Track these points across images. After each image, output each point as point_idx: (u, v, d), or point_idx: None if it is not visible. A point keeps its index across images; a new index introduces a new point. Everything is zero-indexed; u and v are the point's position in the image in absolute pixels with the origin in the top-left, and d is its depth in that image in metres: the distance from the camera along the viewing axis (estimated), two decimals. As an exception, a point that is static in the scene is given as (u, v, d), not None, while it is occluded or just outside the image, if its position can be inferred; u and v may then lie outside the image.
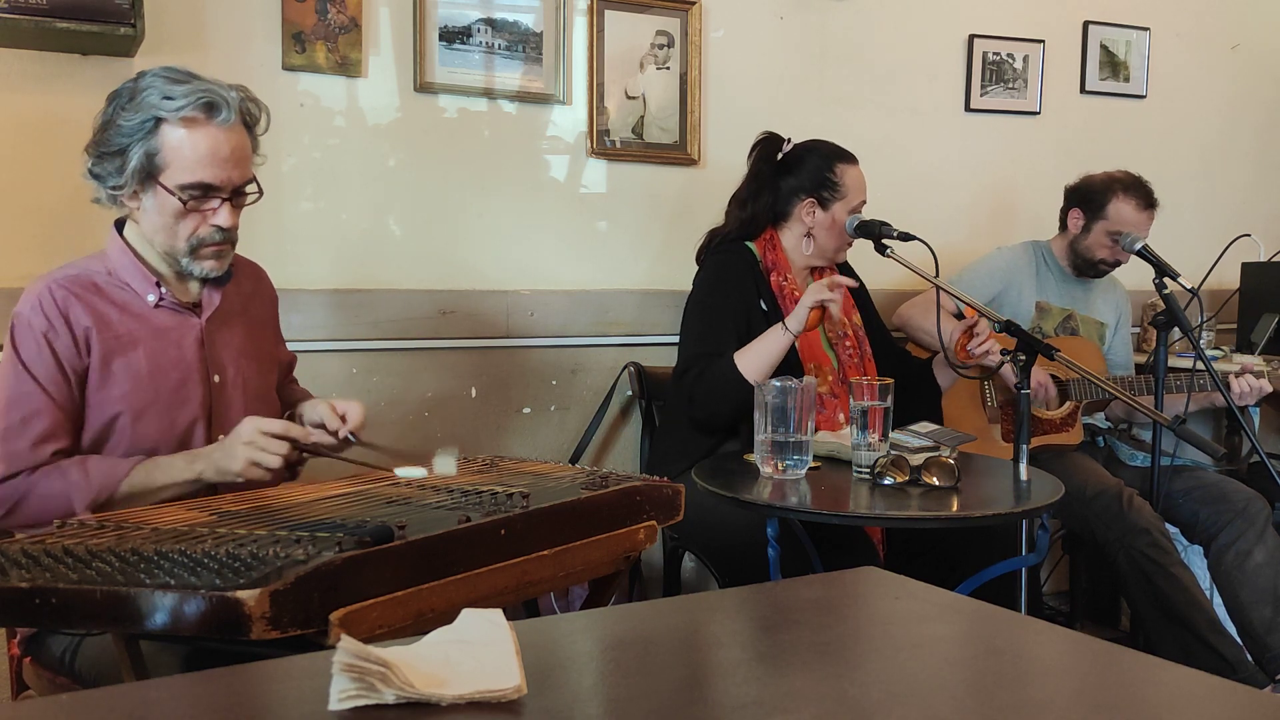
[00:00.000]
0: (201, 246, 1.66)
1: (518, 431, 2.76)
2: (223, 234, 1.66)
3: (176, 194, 1.61)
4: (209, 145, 1.60)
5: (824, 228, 2.44)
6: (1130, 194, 2.83)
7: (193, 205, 1.62)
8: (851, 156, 2.47)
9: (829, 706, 0.85)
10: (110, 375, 1.63)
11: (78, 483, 1.56)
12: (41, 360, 1.59)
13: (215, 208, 1.64)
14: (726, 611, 1.14)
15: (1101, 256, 2.89)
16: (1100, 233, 2.86)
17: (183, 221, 1.63)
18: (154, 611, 1.07)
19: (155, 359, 1.66)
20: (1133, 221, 2.82)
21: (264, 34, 2.44)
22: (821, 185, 2.44)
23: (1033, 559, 2.15)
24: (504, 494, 1.43)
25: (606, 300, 2.82)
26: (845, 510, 1.80)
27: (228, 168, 1.63)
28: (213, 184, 1.62)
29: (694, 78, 2.88)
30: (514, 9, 2.67)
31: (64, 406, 1.61)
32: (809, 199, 2.44)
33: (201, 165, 1.60)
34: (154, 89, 1.59)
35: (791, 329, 2.21)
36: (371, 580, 1.16)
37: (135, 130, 1.58)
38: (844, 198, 2.42)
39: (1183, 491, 2.78)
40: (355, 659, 0.83)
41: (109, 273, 1.68)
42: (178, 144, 1.59)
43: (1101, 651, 0.98)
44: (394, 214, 2.61)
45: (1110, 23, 3.48)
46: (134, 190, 1.62)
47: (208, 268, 1.68)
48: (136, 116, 1.58)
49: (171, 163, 1.60)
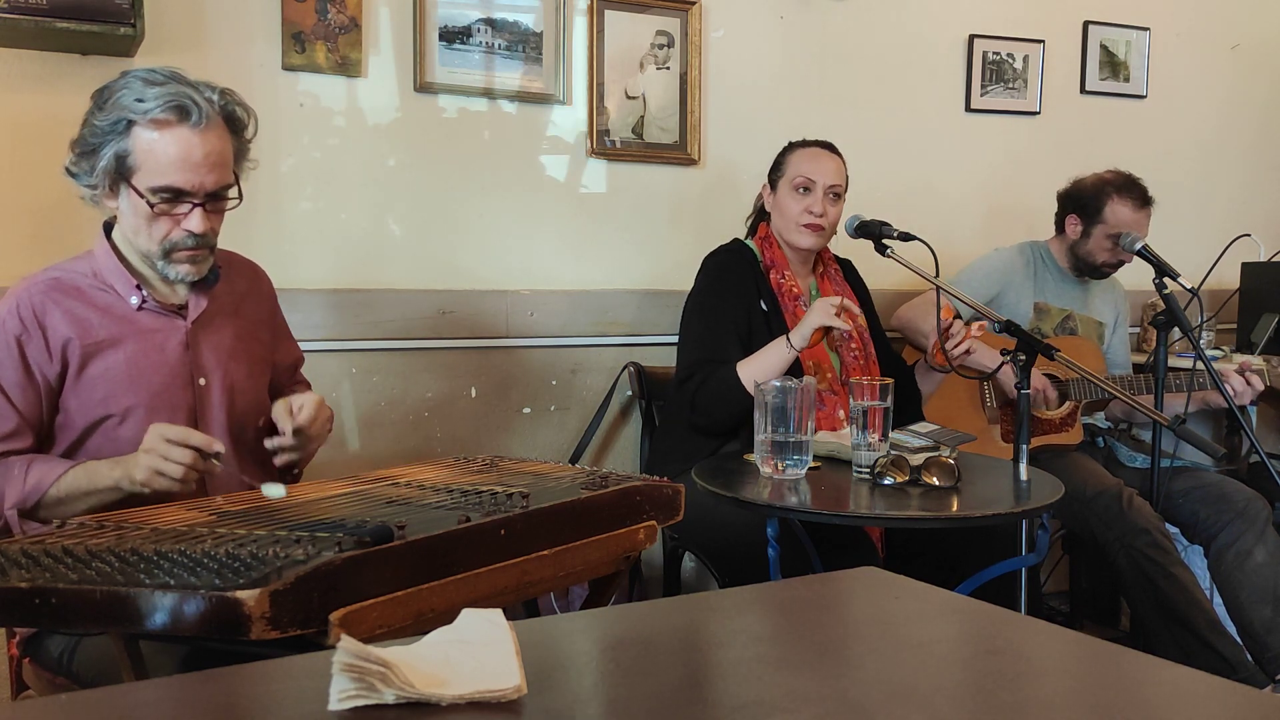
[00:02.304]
0: (174, 250, 1.64)
1: (518, 431, 2.76)
2: (195, 239, 1.63)
3: (146, 197, 1.59)
4: (179, 149, 1.58)
5: (776, 209, 2.48)
6: (1125, 195, 2.83)
7: (162, 209, 1.60)
8: (812, 142, 2.49)
9: (829, 706, 0.85)
10: (91, 380, 1.62)
11: (16, 479, 1.56)
12: (10, 363, 1.59)
13: (186, 212, 1.62)
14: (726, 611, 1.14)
15: (1104, 260, 2.88)
16: (1100, 237, 2.86)
17: (154, 224, 1.61)
18: (154, 611, 1.07)
19: (139, 362, 1.65)
20: (1130, 221, 2.82)
21: (264, 34, 2.44)
22: (773, 169, 2.51)
23: (1033, 559, 2.15)
24: (504, 494, 1.43)
25: (606, 300, 2.82)
26: (845, 510, 1.80)
27: (200, 172, 1.60)
28: (183, 188, 1.60)
29: (694, 78, 2.88)
30: (514, 9, 2.67)
31: (25, 412, 1.60)
32: (767, 185, 2.52)
33: (172, 168, 1.58)
34: (129, 90, 1.57)
35: (795, 345, 2.21)
36: (371, 580, 1.16)
37: (108, 130, 1.57)
38: (784, 175, 2.46)
39: (1183, 491, 2.78)
40: (355, 659, 0.83)
41: (94, 274, 1.67)
42: (148, 146, 1.57)
43: (1101, 651, 0.97)
44: (394, 214, 2.61)
45: (1110, 23, 3.48)
46: (107, 190, 1.61)
47: (182, 272, 1.66)
48: (110, 117, 1.57)
49: (142, 165, 1.58)
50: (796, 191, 2.42)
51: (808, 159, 2.45)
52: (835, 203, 2.44)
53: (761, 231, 2.51)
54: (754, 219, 2.60)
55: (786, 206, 2.44)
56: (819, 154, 2.46)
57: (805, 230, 2.41)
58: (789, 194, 2.43)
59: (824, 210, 2.40)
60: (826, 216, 2.41)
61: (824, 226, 2.42)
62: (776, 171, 2.50)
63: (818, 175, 2.42)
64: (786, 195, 2.44)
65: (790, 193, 2.43)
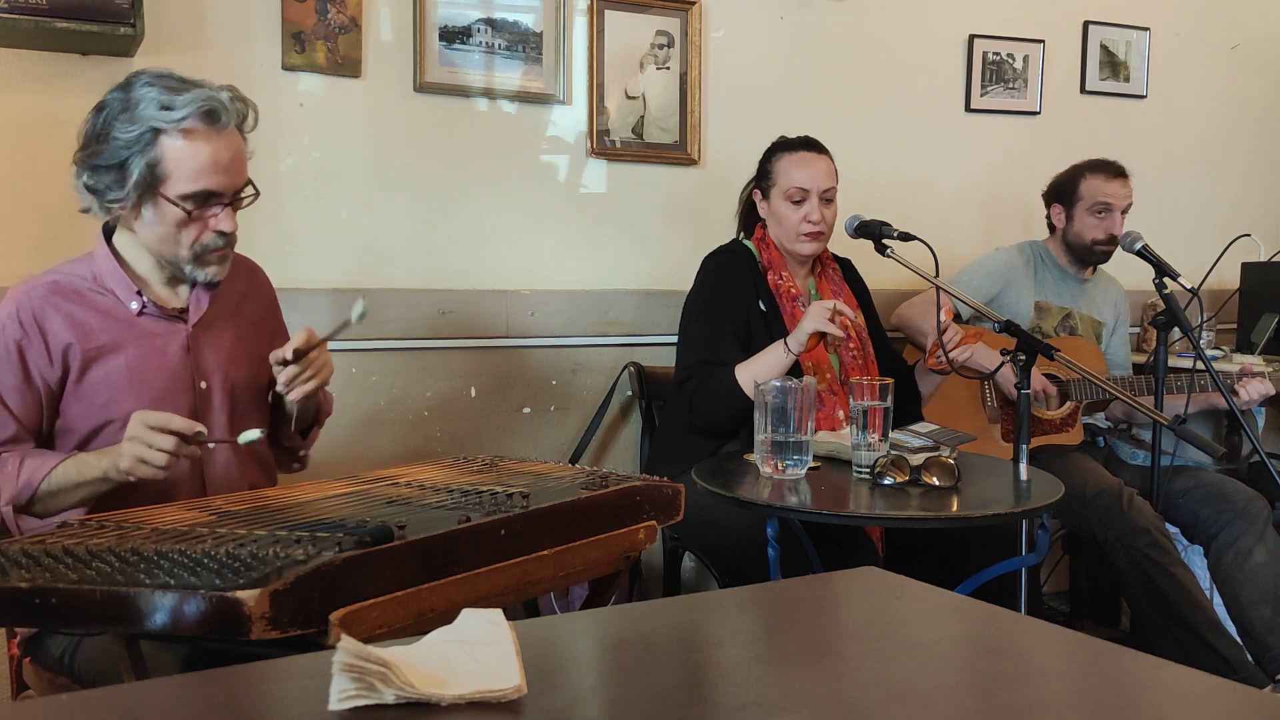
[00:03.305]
0: (206, 253, 1.65)
1: (518, 431, 2.76)
2: (225, 239, 1.66)
3: (179, 204, 1.60)
4: (210, 153, 1.59)
5: (771, 218, 2.47)
6: (1097, 170, 2.90)
7: (196, 214, 1.62)
8: (797, 144, 2.46)
9: (829, 706, 0.85)
10: (92, 384, 1.62)
11: (9, 475, 1.56)
12: (9, 369, 1.59)
13: (217, 214, 1.64)
14: (726, 611, 1.14)
15: (1094, 237, 2.91)
16: (1083, 214, 2.91)
17: (185, 230, 1.63)
18: (154, 611, 1.07)
19: (140, 366, 1.65)
20: (1108, 191, 2.87)
21: (264, 34, 2.44)
22: (762, 176, 2.50)
23: (1033, 559, 2.15)
24: (504, 494, 1.43)
25: (606, 300, 2.82)
26: (845, 510, 1.80)
27: (230, 173, 1.62)
28: (215, 190, 1.62)
29: (694, 78, 2.88)
30: (514, 9, 2.67)
31: (24, 418, 1.60)
32: (757, 190, 2.51)
33: (205, 174, 1.59)
34: (150, 99, 1.56)
35: (793, 349, 2.21)
36: (371, 580, 1.16)
37: (134, 142, 1.56)
38: (775, 185, 2.45)
39: (1183, 491, 2.78)
40: (355, 659, 0.83)
41: (93, 278, 1.67)
42: (179, 154, 1.57)
43: (1101, 651, 0.97)
44: (394, 214, 2.61)
45: (1110, 23, 3.48)
46: (134, 202, 1.60)
47: (212, 273, 1.68)
48: (134, 129, 1.56)
49: (173, 173, 1.58)
50: (791, 202, 2.41)
51: (797, 165, 2.43)
52: (830, 205, 2.44)
53: (759, 232, 2.51)
54: (742, 218, 2.60)
55: (784, 217, 2.43)
56: (807, 159, 2.43)
57: (806, 239, 2.42)
58: (784, 205, 2.42)
59: (821, 216, 2.40)
60: (824, 221, 2.41)
61: (824, 232, 2.42)
62: (765, 180, 2.47)
63: (810, 183, 2.40)
64: (781, 206, 2.43)
65: (784, 203, 2.42)
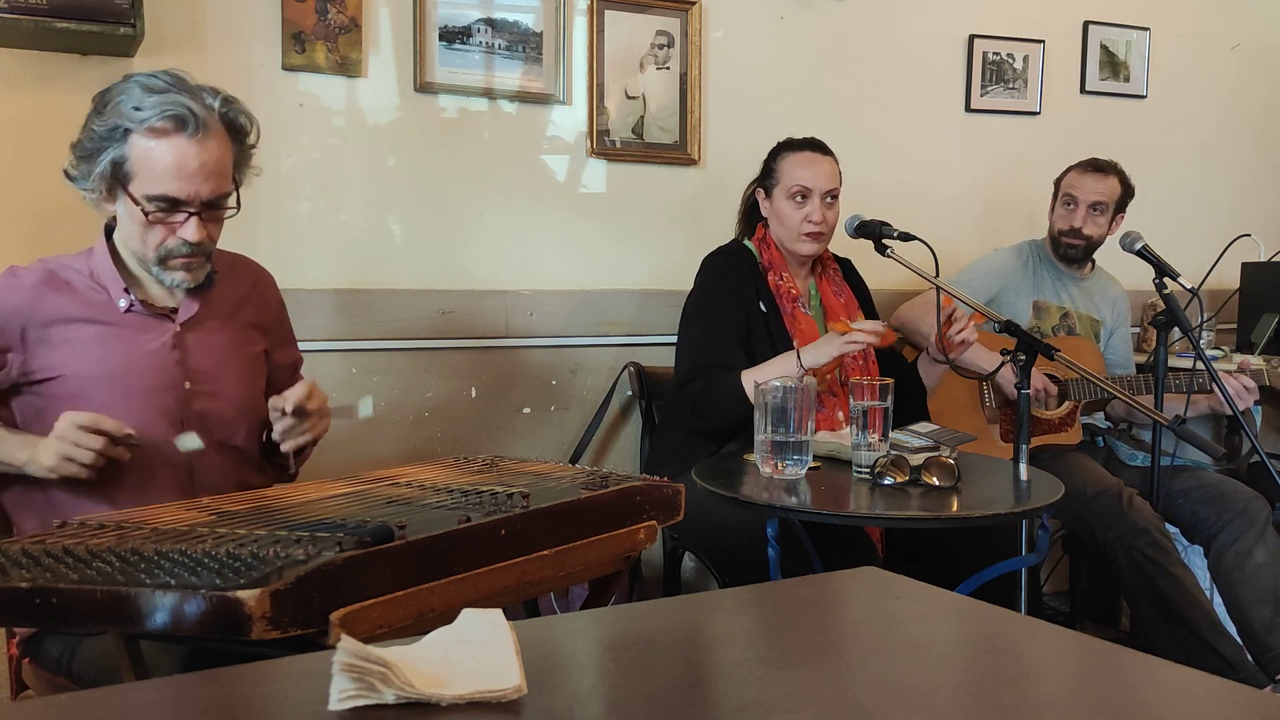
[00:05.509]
0: (170, 257, 1.64)
1: (518, 431, 2.76)
2: (191, 247, 1.63)
3: (141, 204, 1.59)
4: (175, 158, 1.57)
5: (774, 216, 2.47)
6: (1077, 166, 2.96)
7: (156, 217, 1.60)
8: (802, 144, 2.47)
9: (829, 706, 0.85)
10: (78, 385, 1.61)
11: None
12: None
13: (182, 221, 1.61)
14: (726, 611, 1.14)
15: (1060, 228, 2.97)
16: (1058, 205, 2.97)
17: (150, 232, 1.62)
18: (154, 611, 1.07)
19: (125, 364, 1.64)
20: (1077, 184, 2.92)
21: (264, 34, 2.44)
22: (767, 174, 2.49)
23: (1033, 559, 2.15)
24: (504, 494, 1.43)
25: (606, 300, 2.82)
26: (845, 510, 1.80)
27: (195, 181, 1.59)
28: (178, 198, 1.59)
29: (694, 78, 2.88)
30: (514, 9, 2.67)
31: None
32: (760, 189, 2.50)
33: (167, 178, 1.58)
34: (128, 97, 1.57)
35: (805, 364, 2.21)
36: (371, 580, 1.16)
37: (106, 136, 1.57)
38: (779, 183, 2.45)
39: (1183, 491, 2.78)
40: (355, 659, 0.83)
41: (90, 273, 1.67)
42: (144, 155, 1.57)
43: (1101, 651, 0.97)
44: (394, 214, 2.61)
45: (1110, 23, 3.48)
46: (104, 195, 1.61)
47: (177, 279, 1.66)
48: (107, 123, 1.57)
49: (138, 173, 1.58)
50: (793, 200, 2.41)
51: (801, 164, 2.43)
52: (832, 205, 2.44)
53: (759, 232, 2.50)
54: (743, 218, 2.60)
55: (786, 216, 2.43)
56: (812, 159, 2.43)
57: (807, 239, 2.42)
58: (786, 203, 2.42)
59: (823, 216, 2.40)
60: (826, 221, 2.41)
61: (825, 232, 2.42)
62: (769, 178, 2.47)
63: (814, 183, 2.41)
64: (784, 204, 2.43)
65: (787, 202, 2.42)
